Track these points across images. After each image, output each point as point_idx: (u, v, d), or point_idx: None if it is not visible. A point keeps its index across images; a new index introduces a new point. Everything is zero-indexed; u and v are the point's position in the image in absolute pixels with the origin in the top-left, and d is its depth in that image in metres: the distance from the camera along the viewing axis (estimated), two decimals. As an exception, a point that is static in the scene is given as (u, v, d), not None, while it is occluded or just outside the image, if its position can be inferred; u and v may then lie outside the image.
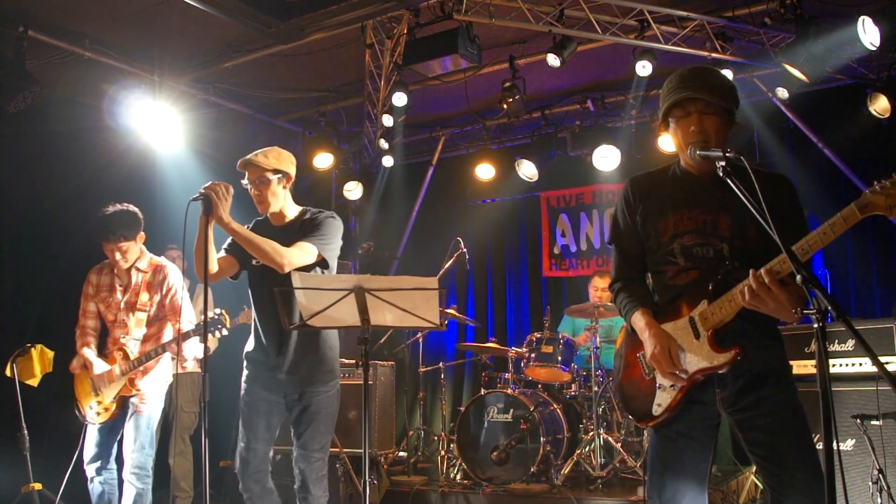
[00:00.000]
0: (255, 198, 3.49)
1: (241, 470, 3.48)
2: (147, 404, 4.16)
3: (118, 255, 4.15)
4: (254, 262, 3.48)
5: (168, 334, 4.23)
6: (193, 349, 4.24)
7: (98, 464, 4.17)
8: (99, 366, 4.16)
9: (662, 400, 2.44)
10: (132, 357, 4.15)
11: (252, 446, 3.46)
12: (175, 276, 4.27)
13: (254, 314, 3.56)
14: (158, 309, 4.24)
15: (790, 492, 2.27)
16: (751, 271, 2.18)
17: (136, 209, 4.23)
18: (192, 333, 4.08)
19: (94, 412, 4.17)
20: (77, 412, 4.23)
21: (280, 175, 3.47)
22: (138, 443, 4.09)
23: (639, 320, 2.50)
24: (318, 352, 3.49)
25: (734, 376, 2.35)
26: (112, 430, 4.21)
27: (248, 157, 3.46)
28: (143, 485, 4.11)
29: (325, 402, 3.51)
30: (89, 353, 4.23)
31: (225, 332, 3.98)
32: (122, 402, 4.16)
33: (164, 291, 4.22)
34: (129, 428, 4.12)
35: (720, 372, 2.34)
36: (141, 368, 4.15)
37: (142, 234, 4.23)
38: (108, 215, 4.12)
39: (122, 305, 4.21)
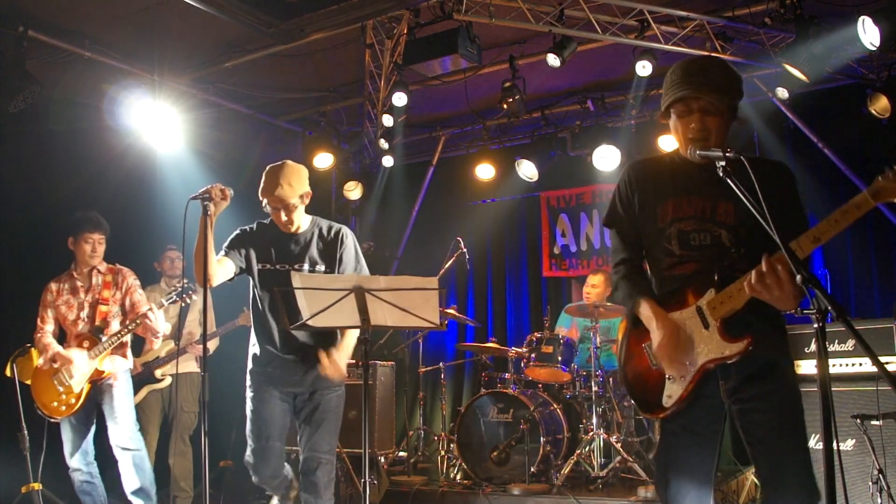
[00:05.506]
0: (282, 224, 3.47)
1: (259, 470, 3.48)
2: (120, 381, 4.48)
3: (95, 248, 4.57)
4: (266, 265, 3.48)
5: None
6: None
7: (80, 456, 4.40)
8: (75, 354, 4.41)
9: (673, 392, 2.41)
10: (101, 342, 4.44)
11: (270, 443, 3.45)
12: (133, 278, 4.70)
13: (268, 315, 3.52)
14: (119, 306, 4.62)
15: (780, 488, 2.27)
16: (763, 256, 2.16)
17: None
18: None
19: (62, 405, 4.40)
20: (41, 413, 4.45)
21: (303, 195, 3.49)
22: (115, 415, 4.38)
23: (645, 309, 2.46)
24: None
25: (738, 366, 2.33)
26: (86, 421, 4.48)
27: (274, 190, 3.38)
28: (134, 446, 4.40)
29: (335, 402, 3.53)
30: (58, 347, 4.52)
31: (196, 297, 4.59)
32: (91, 391, 4.43)
33: (123, 290, 4.62)
34: (106, 408, 4.43)
35: (728, 362, 2.32)
36: (108, 349, 4.43)
37: None
38: (87, 213, 4.61)
39: (88, 303, 4.56)
